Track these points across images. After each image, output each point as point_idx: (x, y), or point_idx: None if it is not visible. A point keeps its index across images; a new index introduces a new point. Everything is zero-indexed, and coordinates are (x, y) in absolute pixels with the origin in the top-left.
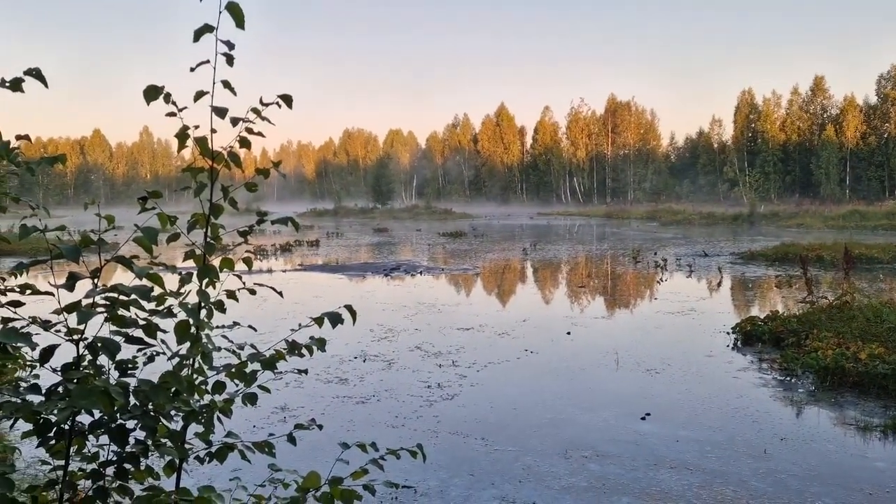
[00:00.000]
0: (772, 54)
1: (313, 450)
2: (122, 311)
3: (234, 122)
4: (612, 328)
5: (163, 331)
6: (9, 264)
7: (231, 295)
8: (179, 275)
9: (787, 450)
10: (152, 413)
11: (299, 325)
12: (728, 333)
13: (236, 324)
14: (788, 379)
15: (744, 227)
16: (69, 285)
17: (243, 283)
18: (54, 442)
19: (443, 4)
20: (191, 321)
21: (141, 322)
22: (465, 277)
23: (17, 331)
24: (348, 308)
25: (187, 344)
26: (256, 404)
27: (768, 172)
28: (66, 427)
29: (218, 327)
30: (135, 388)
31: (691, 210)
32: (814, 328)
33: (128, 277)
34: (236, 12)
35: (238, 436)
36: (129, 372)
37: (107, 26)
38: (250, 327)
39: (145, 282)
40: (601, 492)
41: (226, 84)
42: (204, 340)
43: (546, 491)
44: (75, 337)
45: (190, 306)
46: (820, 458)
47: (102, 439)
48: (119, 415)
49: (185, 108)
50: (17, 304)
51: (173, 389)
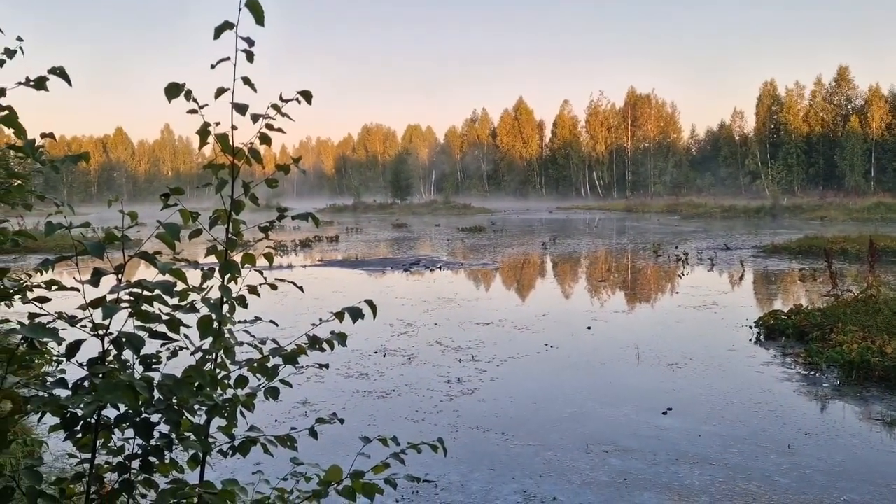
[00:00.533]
0: (794, 45)
1: (334, 444)
2: (145, 307)
3: (255, 118)
4: (632, 323)
5: (186, 326)
6: (35, 261)
7: (252, 290)
8: (202, 270)
9: (812, 445)
10: (176, 407)
11: (320, 320)
12: (751, 328)
13: (258, 319)
14: (812, 373)
15: (766, 220)
16: (94, 281)
17: (264, 279)
18: (81, 435)
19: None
20: (213, 316)
21: (164, 317)
22: (485, 272)
23: (43, 326)
24: (369, 303)
25: (210, 339)
26: (278, 399)
27: (791, 164)
28: (93, 421)
29: (240, 322)
30: (159, 382)
31: (712, 203)
32: (838, 322)
33: (151, 273)
34: (256, 9)
35: (260, 430)
36: (153, 366)
37: (127, 25)
38: (272, 322)
39: (168, 277)
40: (622, 487)
41: (246, 81)
42: (226, 335)
43: (567, 486)
44: (100, 332)
45: (212, 301)
46: (845, 453)
47: (128, 433)
48: (144, 409)
49: (206, 105)
50: (43, 299)
51: (196, 384)
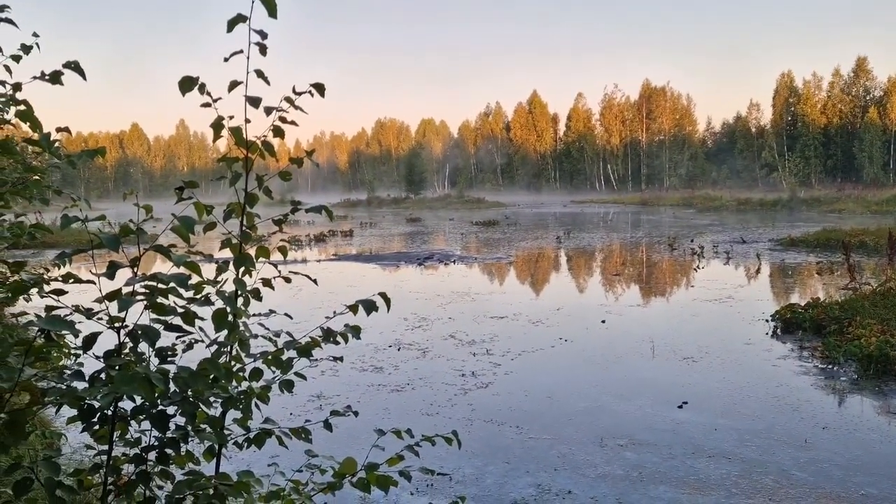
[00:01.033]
0: (812, 36)
1: (349, 437)
2: (161, 299)
3: (268, 111)
4: (647, 316)
5: (201, 318)
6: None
7: (267, 283)
8: (216, 263)
9: (830, 439)
10: (192, 399)
11: (334, 313)
12: (767, 321)
13: (272, 312)
14: (830, 367)
15: (783, 212)
16: (110, 274)
17: (278, 272)
18: (98, 427)
19: None
20: (228, 309)
21: (179, 310)
22: (499, 266)
23: (61, 318)
24: (382, 295)
25: (225, 331)
26: (293, 392)
27: (808, 157)
28: (110, 412)
29: (254, 315)
30: (174, 374)
31: (728, 196)
32: (856, 315)
33: (166, 266)
34: (269, 2)
35: (275, 422)
36: (168, 359)
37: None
38: (286, 315)
39: (183, 270)
40: (637, 480)
41: (259, 74)
42: (241, 328)
43: (582, 479)
44: (116, 325)
45: (227, 294)
46: (863, 447)
47: (144, 425)
48: (160, 401)
49: (220, 98)
50: (60, 292)
51: (212, 376)
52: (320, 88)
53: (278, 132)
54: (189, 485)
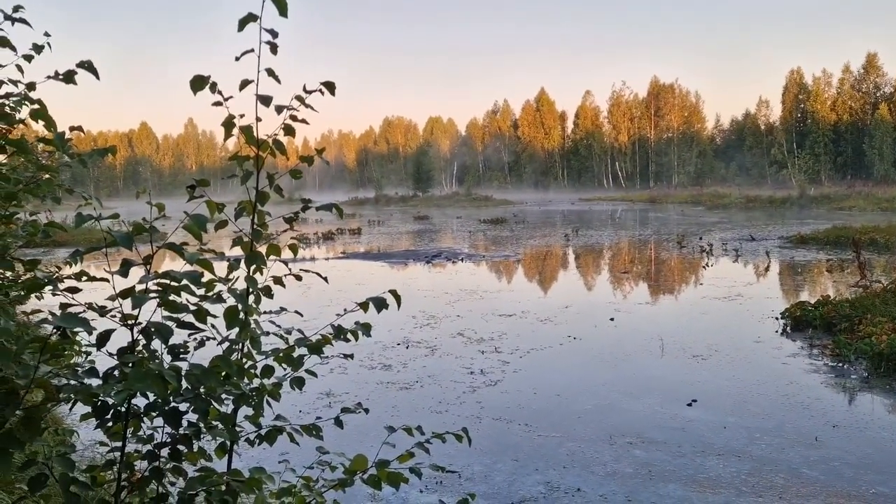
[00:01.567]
0: (822, 33)
1: (359, 434)
2: (173, 297)
3: (279, 109)
4: (656, 314)
5: (213, 316)
6: (63, 255)
7: (278, 281)
8: (228, 261)
9: (840, 437)
10: (204, 396)
11: (344, 311)
12: (777, 319)
13: (283, 309)
14: (840, 365)
15: (793, 210)
16: (123, 272)
17: (289, 270)
18: (111, 424)
19: None
20: (239, 306)
21: (192, 307)
22: (507, 264)
23: (75, 316)
24: (393, 293)
25: (236, 329)
26: (303, 389)
27: (818, 154)
28: (123, 409)
29: (265, 313)
30: (187, 371)
31: (737, 193)
32: (867, 313)
33: (179, 264)
34: (279, 1)
35: (287, 419)
36: (181, 356)
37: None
38: (297, 313)
39: (195, 268)
40: (647, 478)
41: (270, 72)
42: (252, 325)
43: (591, 477)
44: (130, 322)
45: (238, 292)
46: (874, 446)
47: (157, 421)
48: (172, 398)
49: (231, 97)
50: (74, 290)
51: (224, 373)
52: (331, 87)
53: (289, 131)
54: (201, 481)
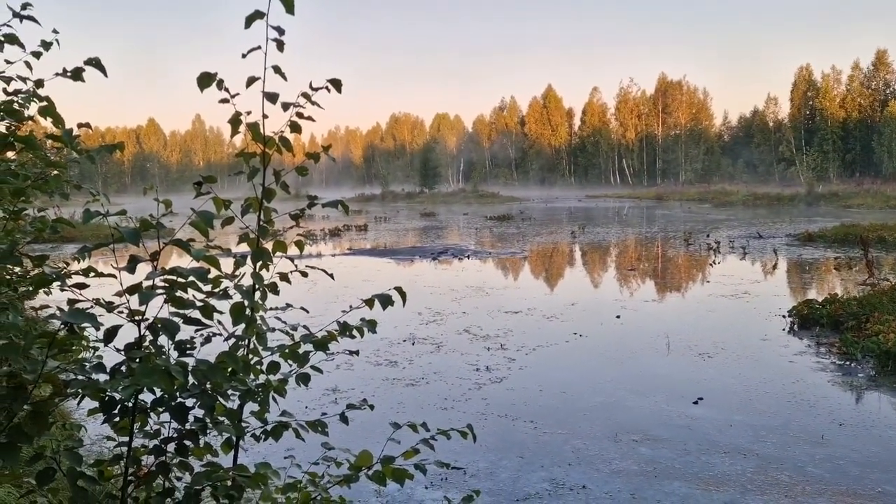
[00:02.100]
0: (830, 29)
1: (364, 430)
2: (180, 293)
3: (286, 106)
4: (662, 312)
5: (219, 312)
6: (71, 250)
7: (284, 277)
8: (234, 258)
9: (846, 436)
10: (210, 392)
11: (350, 307)
12: (784, 317)
13: (289, 305)
14: (847, 363)
15: (801, 207)
16: (130, 268)
17: (295, 266)
18: (119, 419)
19: None
20: (246, 303)
21: (198, 303)
22: (513, 261)
23: (83, 311)
24: (398, 290)
25: (243, 325)
26: (309, 385)
27: (827, 151)
28: (130, 404)
29: (271, 309)
30: (193, 367)
31: (745, 191)
32: (875, 311)
33: (185, 261)
34: None
35: (292, 415)
36: (187, 352)
37: (158, 16)
38: (302, 309)
39: (202, 264)
40: (652, 476)
41: (276, 69)
42: (258, 322)
43: (596, 474)
44: (137, 318)
45: (245, 288)
46: (881, 444)
47: (163, 417)
48: (179, 393)
49: (238, 94)
50: (81, 286)
51: (230, 369)
52: (337, 84)
53: (295, 127)
54: (207, 476)
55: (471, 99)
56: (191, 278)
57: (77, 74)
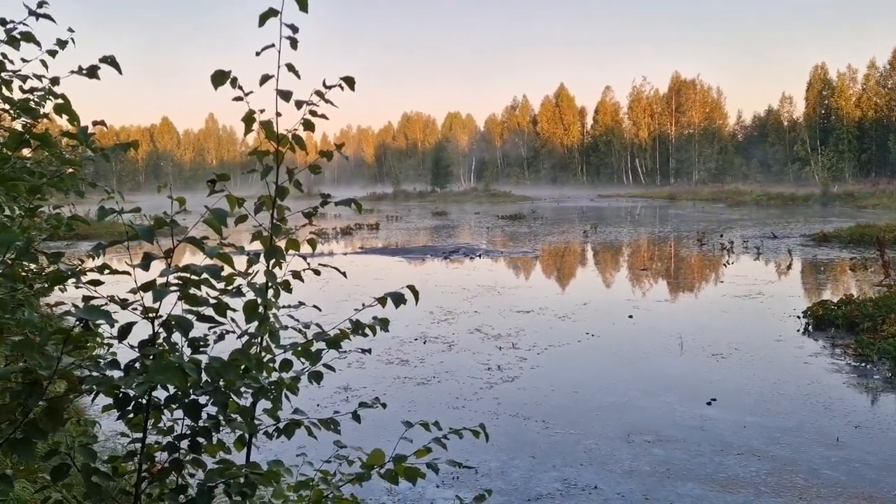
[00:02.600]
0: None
1: (376, 428)
2: (194, 291)
3: (299, 104)
4: (675, 312)
5: (232, 309)
6: (86, 247)
7: (296, 275)
8: (247, 256)
9: (862, 438)
10: (223, 389)
11: (363, 305)
12: (798, 318)
13: (302, 303)
14: (863, 365)
15: (815, 208)
16: (144, 265)
17: (308, 265)
18: (133, 415)
19: None
20: (259, 300)
21: (212, 301)
22: (525, 260)
23: (98, 308)
24: (411, 288)
25: (255, 323)
26: (321, 383)
27: (842, 151)
28: (144, 401)
29: (284, 307)
30: (207, 364)
31: (759, 190)
32: (891, 313)
33: (199, 258)
34: None
35: (305, 413)
36: (201, 349)
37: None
38: (315, 307)
39: (216, 262)
40: (665, 477)
41: (290, 67)
42: (271, 319)
43: (608, 475)
44: (151, 315)
45: (258, 286)
46: None
47: (177, 414)
48: (192, 390)
49: (251, 92)
50: (96, 283)
51: (243, 367)
52: (350, 82)
53: (309, 126)
54: (220, 473)
55: (482, 98)
56: (204, 276)
57: (92, 72)
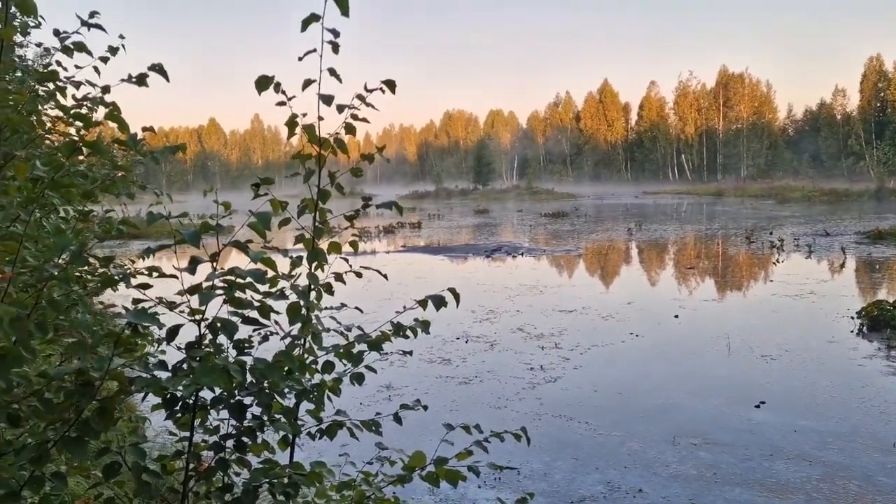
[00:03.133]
0: None
1: (419, 427)
2: (238, 294)
3: (340, 109)
4: (723, 311)
5: (276, 312)
6: (137, 246)
7: (338, 277)
8: (290, 258)
9: None
10: (267, 391)
11: (404, 308)
12: (852, 318)
13: (344, 305)
14: None
15: (870, 204)
16: (191, 269)
17: (350, 266)
18: (180, 415)
19: None
20: (301, 303)
21: (256, 303)
22: (568, 259)
23: (146, 312)
24: (452, 291)
25: (298, 325)
26: (363, 383)
27: None
28: (191, 402)
29: (326, 308)
30: (251, 366)
31: (811, 186)
32: None
33: (243, 261)
34: (341, 1)
35: (346, 413)
36: (245, 351)
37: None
38: (357, 309)
39: (259, 265)
40: (712, 481)
41: (332, 72)
42: (314, 321)
43: (653, 478)
44: (197, 317)
45: (300, 289)
46: None
47: (223, 414)
48: (237, 391)
49: (294, 97)
50: (145, 286)
51: (286, 368)
52: (391, 85)
53: (350, 129)
54: (265, 472)
55: (525, 95)
56: (248, 279)
57: (142, 80)
